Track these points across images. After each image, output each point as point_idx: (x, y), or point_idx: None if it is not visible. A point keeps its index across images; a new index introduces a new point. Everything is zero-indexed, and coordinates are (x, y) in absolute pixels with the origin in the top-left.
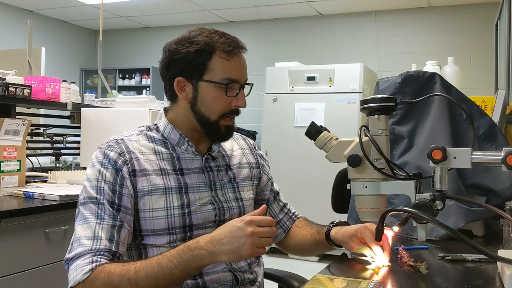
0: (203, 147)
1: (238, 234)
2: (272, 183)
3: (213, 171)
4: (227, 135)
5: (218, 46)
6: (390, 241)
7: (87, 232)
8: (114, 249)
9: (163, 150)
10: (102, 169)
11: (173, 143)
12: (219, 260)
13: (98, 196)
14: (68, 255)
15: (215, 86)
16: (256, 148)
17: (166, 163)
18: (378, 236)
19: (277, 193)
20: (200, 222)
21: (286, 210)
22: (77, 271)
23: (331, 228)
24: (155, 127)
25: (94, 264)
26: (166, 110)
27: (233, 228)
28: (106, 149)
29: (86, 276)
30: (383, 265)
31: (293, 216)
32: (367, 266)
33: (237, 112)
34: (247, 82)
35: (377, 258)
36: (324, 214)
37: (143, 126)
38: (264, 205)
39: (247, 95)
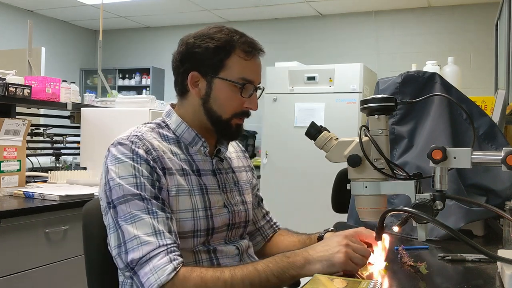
0: (211, 149)
1: (333, 243)
2: (258, 189)
3: (222, 173)
4: (237, 134)
5: (239, 45)
6: (387, 243)
7: (145, 229)
8: (177, 241)
9: (178, 150)
10: (136, 164)
11: (186, 142)
12: (313, 268)
13: (142, 193)
14: (132, 256)
15: (230, 84)
16: (245, 151)
17: (184, 163)
18: (378, 236)
19: (261, 199)
20: (220, 225)
21: (268, 218)
22: (158, 272)
23: (325, 232)
24: (164, 124)
25: (175, 262)
26: (173, 106)
27: (329, 239)
28: (131, 145)
29: (172, 276)
30: (382, 266)
31: (274, 226)
32: (371, 264)
33: (247, 114)
34: (259, 85)
35: (377, 258)
36: (324, 214)
37: (150, 123)
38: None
39: (257, 99)
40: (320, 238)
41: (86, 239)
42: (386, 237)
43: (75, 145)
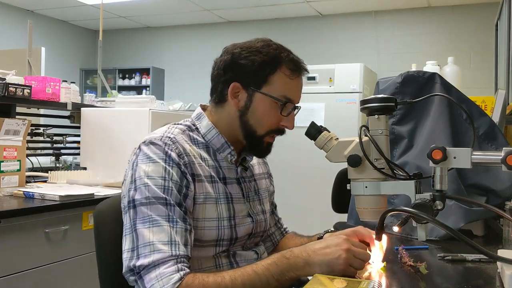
0: (236, 157)
1: (333, 246)
2: (273, 196)
3: (246, 182)
4: (266, 152)
5: (285, 62)
6: (385, 243)
7: (161, 236)
8: (189, 255)
9: (206, 156)
10: (167, 166)
11: (214, 148)
12: (312, 270)
13: (167, 197)
14: (141, 262)
15: (271, 101)
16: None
17: (212, 170)
18: (378, 236)
19: (275, 206)
20: (242, 235)
21: (279, 225)
22: (164, 280)
23: (324, 233)
24: (194, 127)
25: (182, 273)
26: (204, 108)
27: (330, 242)
28: (165, 147)
29: (177, 285)
30: (381, 265)
31: (284, 232)
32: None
33: (282, 132)
34: (297, 105)
35: (376, 258)
36: (324, 214)
37: (180, 124)
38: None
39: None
40: (320, 238)
41: (98, 239)
42: (384, 237)
43: (75, 145)
